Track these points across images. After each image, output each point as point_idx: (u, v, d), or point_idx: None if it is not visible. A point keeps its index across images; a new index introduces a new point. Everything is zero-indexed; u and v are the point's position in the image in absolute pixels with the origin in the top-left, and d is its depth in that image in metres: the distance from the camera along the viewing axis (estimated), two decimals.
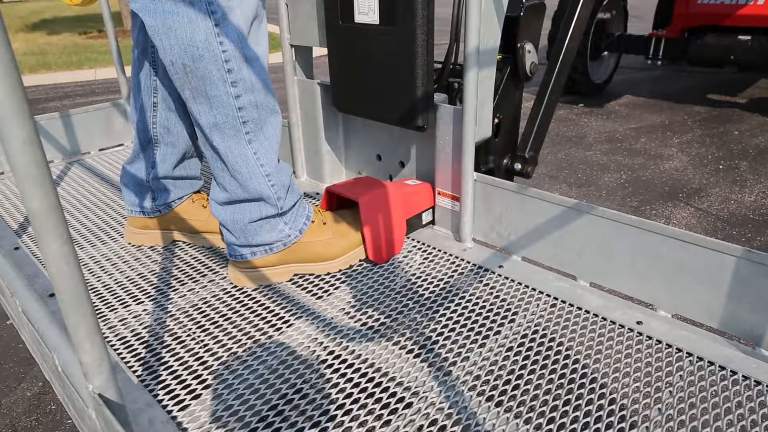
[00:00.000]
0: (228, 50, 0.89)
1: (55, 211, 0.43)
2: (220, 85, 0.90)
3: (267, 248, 1.05)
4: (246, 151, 0.96)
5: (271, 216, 1.03)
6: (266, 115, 0.98)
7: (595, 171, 3.38)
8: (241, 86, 0.92)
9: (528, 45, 1.38)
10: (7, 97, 0.38)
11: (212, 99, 0.91)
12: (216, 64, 0.89)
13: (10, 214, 1.42)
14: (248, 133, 0.96)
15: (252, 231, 1.03)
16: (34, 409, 1.63)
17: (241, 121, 0.94)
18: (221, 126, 0.94)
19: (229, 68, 0.90)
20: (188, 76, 0.90)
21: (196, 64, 0.88)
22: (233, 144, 0.95)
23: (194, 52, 0.87)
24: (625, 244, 0.97)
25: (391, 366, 0.84)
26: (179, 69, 0.89)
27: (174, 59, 0.88)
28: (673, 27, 4.44)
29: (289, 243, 1.06)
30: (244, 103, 0.93)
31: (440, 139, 1.20)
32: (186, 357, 0.88)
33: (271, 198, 1.01)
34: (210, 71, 0.89)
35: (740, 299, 0.87)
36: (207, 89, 0.91)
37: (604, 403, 0.76)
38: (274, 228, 1.04)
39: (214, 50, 0.88)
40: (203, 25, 0.86)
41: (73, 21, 11.81)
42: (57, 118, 1.81)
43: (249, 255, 1.04)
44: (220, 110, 0.92)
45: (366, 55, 1.23)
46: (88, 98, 5.48)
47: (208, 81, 0.90)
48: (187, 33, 0.86)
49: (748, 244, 2.48)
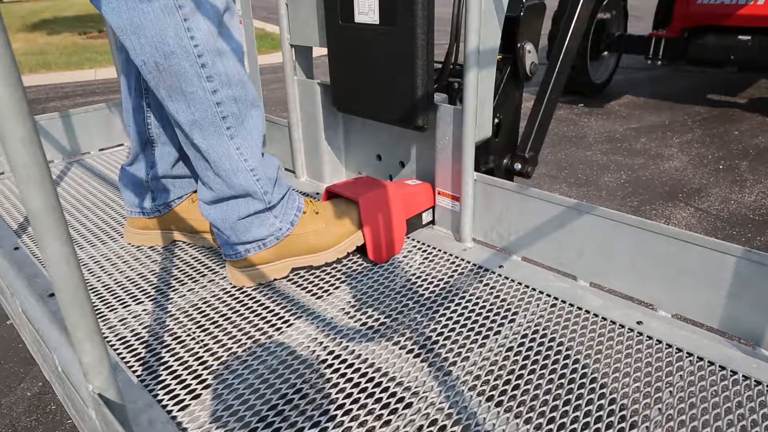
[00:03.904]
0: (200, 44, 0.86)
1: (54, 211, 0.43)
2: (196, 81, 0.88)
3: (260, 244, 1.03)
4: (228, 147, 0.95)
5: (260, 211, 1.01)
6: (246, 108, 0.96)
7: (595, 171, 3.38)
8: (217, 81, 0.90)
9: (528, 45, 1.38)
10: (7, 97, 0.38)
11: (189, 96, 0.89)
12: (189, 59, 0.86)
13: (10, 214, 1.42)
14: (229, 128, 0.94)
15: (242, 228, 1.01)
16: (34, 409, 1.63)
17: (220, 116, 0.92)
18: (201, 123, 0.92)
19: (202, 63, 0.87)
20: (162, 75, 0.87)
21: (168, 61, 0.85)
22: (214, 140, 0.93)
23: (165, 48, 0.84)
24: (625, 244, 0.97)
25: (391, 366, 0.84)
26: (152, 68, 0.87)
27: (145, 58, 0.86)
28: (673, 27, 4.44)
29: (281, 236, 1.04)
30: (222, 97, 0.91)
31: (440, 139, 1.20)
32: (186, 357, 0.88)
33: (257, 193, 0.99)
34: (183, 67, 0.86)
35: (740, 299, 0.87)
36: (182, 86, 0.88)
37: (604, 403, 0.76)
38: (265, 222, 1.03)
39: (186, 45, 0.85)
40: (171, 20, 0.83)
41: (73, 21, 11.81)
42: (57, 118, 1.81)
43: (243, 252, 1.04)
44: (198, 107, 0.90)
45: (366, 55, 1.23)
46: (88, 98, 5.48)
47: (182, 78, 0.87)
48: (155, 29, 0.83)
49: (748, 244, 2.48)
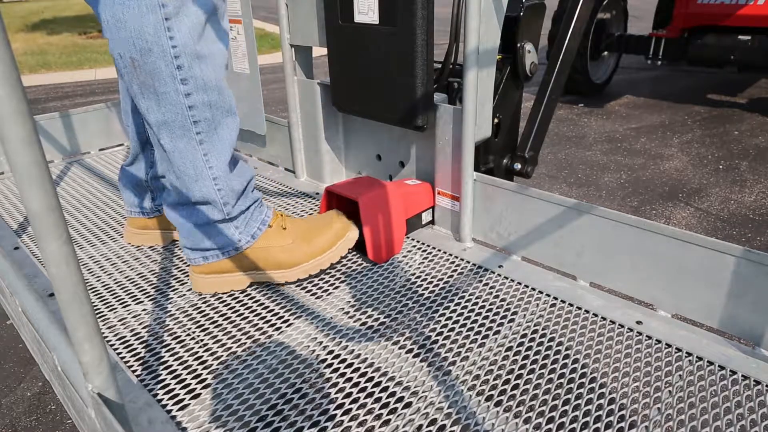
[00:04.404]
0: (178, 46, 0.85)
1: (54, 211, 0.43)
2: (169, 82, 0.87)
3: (218, 253, 1.01)
4: (196, 152, 0.93)
5: (219, 220, 0.99)
6: (221, 116, 0.94)
7: (595, 171, 3.38)
8: (192, 84, 0.88)
9: (528, 45, 1.38)
10: (7, 97, 0.38)
11: (160, 96, 0.88)
12: (165, 59, 0.85)
13: (10, 214, 1.42)
14: (199, 134, 0.92)
15: (200, 235, 0.99)
16: (34, 409, 1.63)
17: (191, 120, 0.91)
18: (170, 124, 0.90)
19: (178, 65, 0.86)
20: (136, 71, 0.86)
21: (144, 58, 0.85)
22: (182, 144, 0.92)
23: (142, 45, 0.84)
24: (625, 244, 0.97)
25: (391, 366, 0.84)
26: (127, 62, 0.86)
27: (122, 52, 0.85)
28: (673, 27, 4.44)
29: (241, 248, 1.02)
30: (195, 101, 0.90)
31: (440, 139, 1.20)
32: (186, 357, 0.88)
33: (217, 203, 0.97)
34: (158, 66, 0.86)
35: (740, 299, 0.87)
36: (155, 85, 0.87)
37: (603, 403, 0.76)
38: (224, 232, 1.00)
39: (163, 45, 0.84)
40: (152, 18, 0.82)
41: (73, 21, 11.80)
42: (57, 118, 1.81)
43: (201, 260, 1.01)
44: (169, 108, 0.89)
45: (366, 55, 1.23)
46: (88, 98, 5.48)
47: (156, 77, 0.86)
48: (136, 25, 0.83)
49: (748, 244, 2.48)
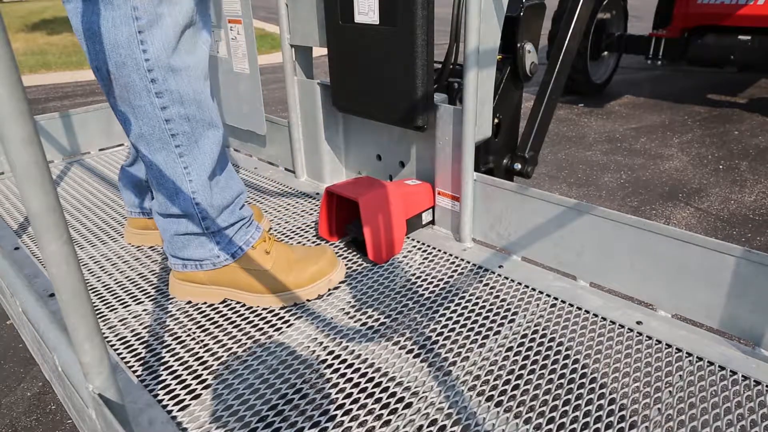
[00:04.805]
0: (151, 59, 0.84)
1: (54, 211, 0.43)
2: (144, 95, 0.86)
3: (197, 264, 1.00)
4: (175, 166, 0.92)
5: (197, 233, 0.98)
6: (201, 129, 0.92)
7: (595, 171, 3.38)
8: (168, 97, 0.87)
9: (528, 45, 1.38)
10: (7, 97, 0.38)
11: (136, 109, 0.87)
12: (138, 72, 0.84)
13: (10, 214, 1.42)
14: (179, 147, 0.91)
15: (179, 244, 0.99)
16: (34, 409, 1.63)
17: (169, 134, 0.89)
18: (147, 137, 0.90)
19: (152, 78, 0.85)
20: (112, 84, 0.85)
21: (119, 71, 0.84)
22: (161, 157, 0.91)
23: (117, 58, 0.83)
24: (625, 244, 0.97)
25: (391, 366, 0.84)
26: (104, 75, 0.85)
27: (99, 65, 0.84)
28: (673, 27, 4.44)
29: (219, 264, 1.00)
30: (171, 115, 0.88)
31: (440, 139, 1.20)
32: (186, 357, 0.88)
33: (194, 217, 0.96)
34: (133, 80, 0.84)
35: (740, 299, 0.87)
36: (131, 98, 0.86)
37: (603, 403, 0.76)
38: (203, 246, 0.99)
39: (137, 58, 0.83)
40: (126, 30, 0.81)
41: None
42: (57, 118, 1.81)
43: (180, 267, 1.01)
44: (145, 121, 0.88)
45: (366, 56, 1.23)
46: (88, 98, 5.48)
47: (131, 90, 0.85)
48: (110, 38, 0.82)
49: (748, 244, 2.48)
